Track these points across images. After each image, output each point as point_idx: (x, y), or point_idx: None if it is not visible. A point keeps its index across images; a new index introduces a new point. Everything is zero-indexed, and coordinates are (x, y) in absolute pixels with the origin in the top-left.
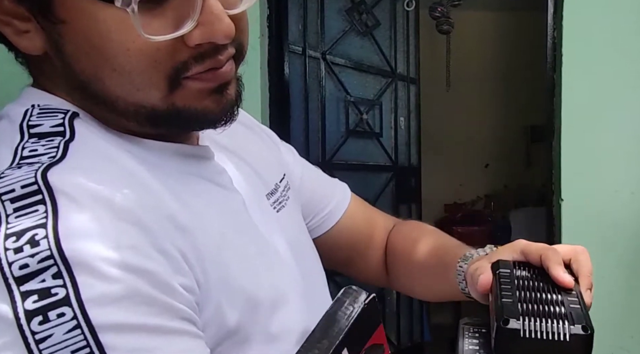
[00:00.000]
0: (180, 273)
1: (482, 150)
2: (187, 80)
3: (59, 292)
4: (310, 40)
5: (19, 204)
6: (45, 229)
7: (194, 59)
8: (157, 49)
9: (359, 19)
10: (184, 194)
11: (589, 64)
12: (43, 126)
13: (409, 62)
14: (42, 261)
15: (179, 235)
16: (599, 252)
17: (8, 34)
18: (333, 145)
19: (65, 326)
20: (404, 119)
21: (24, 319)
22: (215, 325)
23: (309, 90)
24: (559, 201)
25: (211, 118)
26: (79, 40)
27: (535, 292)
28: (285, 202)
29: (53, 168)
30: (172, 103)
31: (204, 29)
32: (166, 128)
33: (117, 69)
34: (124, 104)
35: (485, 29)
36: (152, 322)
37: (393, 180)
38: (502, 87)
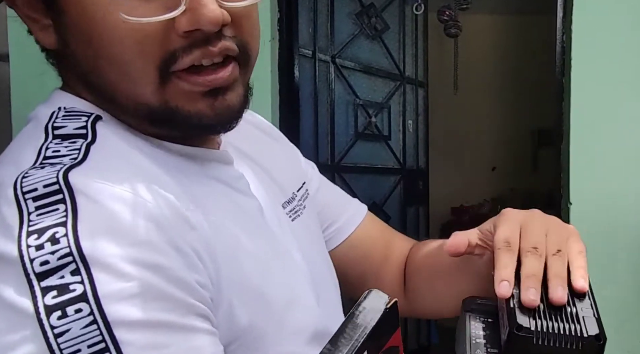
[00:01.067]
0: (194, 270)
1: (489, 153)
2: (176, 78)
3: (77, 288)
4: (320, 44)
5: (41, 203)
6: (65, 227)
7: (183, 49)
8: (145, 36)
9: (369, 22)
10: (199, 194)
11: (598, 68)
12: (67, 128)
13: (417, 65)
14: (61, 258)
15: (192, 234)
16: (607, 255)
17: (34, 29)
18: (342, 148)
19: (83, 321)
20: (412, 122)
21: (44, 314)
22: (226, 323)
23: (318, 93)
24: (567, 204)
25: (206, 123)
26: (75, 30)
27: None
28: (301, 211)
29: (74, 169)
30: (165, 101)
31: (191, 15)
32: (166, 129)
33: (107, 57)
34: (124, 99)
35: (493, 33)
36: (167, 318)
37: (401, 183)
38: (509, 90)
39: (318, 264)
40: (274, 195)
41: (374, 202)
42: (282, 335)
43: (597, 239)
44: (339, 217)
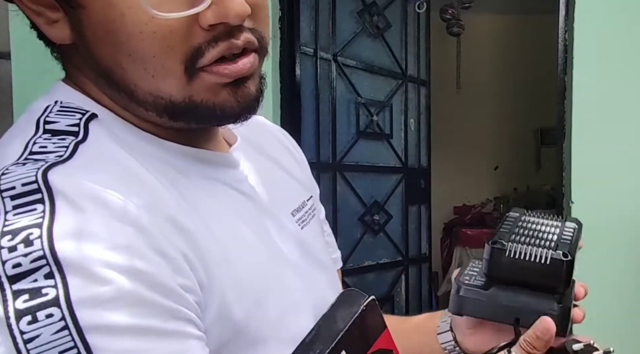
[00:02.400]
0: (179, 273)
1: (491, 152)
2: (203, 72)
3: (49, 292)
4: (322, 42)
5: (18, 202)
6: (40, 228)
7: (208, 42)
8: (170, 31)
9: (370, 21)
10: (194, 194)
11: (600, 67)
12: (59, 124)
13: (419, 64)
14: (34, 260)
15: (180, 236)
16: (609, 255)
17: (40, 24)
18: (343, 146)
19: (53, 327)
20: (414, 120)
21: (14, 319)
22: (219, 325)
23: (320, 91)
24: (569, 203)
25: (229, 112)
26: (96, 25)
27: (533, 228)
28: (309, 221)
29: (55, 168)
30: (190, 96)
31: (217, 9)
32: (184, 122)
33: (131, 54)
34: (142, 93)
35: (495, 32)
36: (145, 323)
37: (403, 181)
38: (512, 89)
39: (322, 274)
40: (285, 201)
41: (375, 201)
42: (278, 339)
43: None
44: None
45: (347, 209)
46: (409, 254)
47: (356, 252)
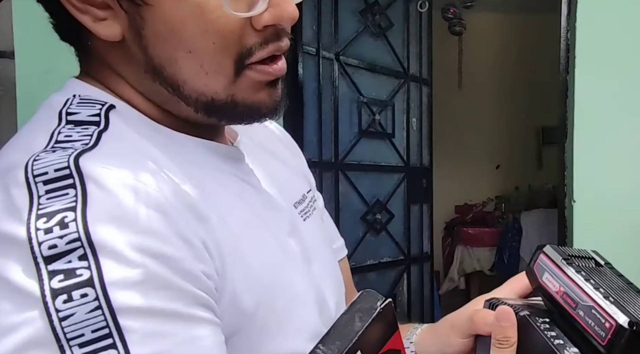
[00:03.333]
0: (201, 260)
1: (493, 151)
2: (248, 69)
3: (83, 273)
4: (324, 41)
5: (51, 187)
6: (74, 212)
7: (260, 43)
8: (231, 31)
9: (373, 20)
10: (208, 184)
11: (602, 65)
12: (80, 114)
13: (421, 63)
14: (70, 243)
15: (199, 224)
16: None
17: (86, 21)
18: (346, 145)
19: (88, 306)
20: (416, 119)
21: (50, 297)
22: (230, 313)
23: (322, 90)
24: (571, 202)
25: (264, 111)
26: (160, 22)
27: (617, 289)
28: (311, 213)
29: (85, 154)
30: (233, 95)
31: (274, 11)
32: (217, 119)
33: (192, 50)
34: (189, 89)
35: (497, 31)
36: (170, 307)
37: (405, 180)
38: (513, 88)
39: (326, 265)
40: (287, 193)
41: (377, 200)
42: (284, 331)
43: (600, 237)
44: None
45: (349, 208)
46: (411, 253)
47: (358, 251)
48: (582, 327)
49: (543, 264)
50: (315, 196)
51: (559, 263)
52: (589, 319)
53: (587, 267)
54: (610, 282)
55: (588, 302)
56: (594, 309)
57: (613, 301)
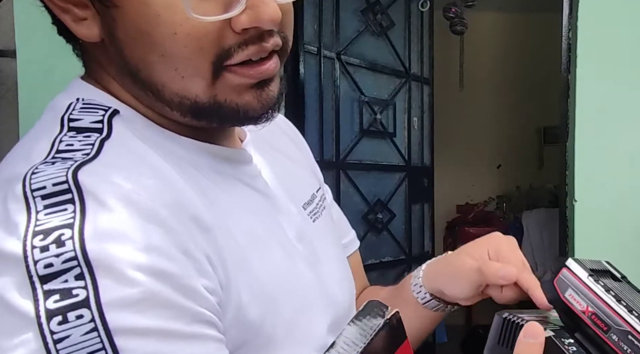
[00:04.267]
0: (203, 275)
1: (494, 151)
2: (228, 71)
3: (79, 293)
4: (326, 41)
5: (49, 202)
6: (71, 229)
7: (238, 45)
8: (205, 33)
9: (374, 19)
10: (213, 192)
11: (603, 65)
12: (83, 121)
13: (422, 62)
14: (66, 261)
15: (203, 236)
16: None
17: (67, 21)
18: (347, 145)
19: (83, 328)
20: (417, 119)
21: (44, 318)
22: (237, 326)
23: (323, 90)
24: (572, 202)
25: (251, 114)
26: (129, 24)
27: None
28: (320, 213)
29: (84, 167)
30: (214, 96)
31: (251, 13)
32: (208, 121)
33: (164, 54)
34: (169, 93)
35: (498, 30)
36: (170, 326)
37: (406, 180)
38: (515, 88)
39: (335, 268)
40: (296, 195)
41: (378, 199)
42: (292, 341)
43: (602, 236)
44: (342, 237)
45: (351, 208)
46: (412, 253)
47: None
48: (615, 352)
49: (566, 280)
50: (325, 193)
51: (585, 280)
52: (625, 345)
53: (614, 285)
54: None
55: (624, 326)
56: (631, 334)
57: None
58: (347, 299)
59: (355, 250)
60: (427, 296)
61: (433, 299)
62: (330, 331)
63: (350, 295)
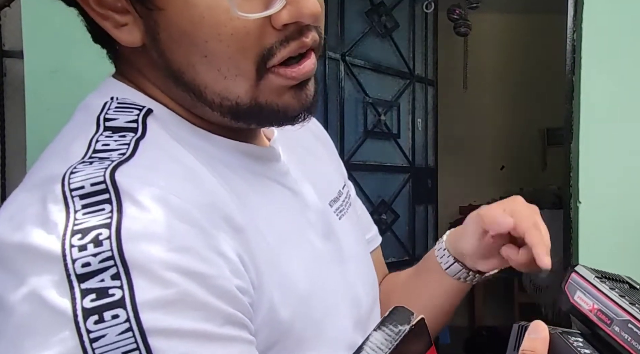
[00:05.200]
0: (237, 275)
1: (498, 152)
2: (271, 73)
3: (115, 293)
4: (330, 42)
5: (87, 202)
6: (109, 229)
7: (280, 42)
8: (247, 33)
9: (379, 20)
10: (245, 191)
11: (608, 66)
12: (118, 120)
13: (427, 64)
14: (103, 261)
15: (235, 236)
16: (617, 256)
17: (108, 27)
18: (351, 145)
19: (119, 328)
20: (421, 120)
21: (81, 317)
22: (268, 326)
23: (328, 91)
24: (576, 203)
25: (291, 114)
26: (172, 26)
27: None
28: (346, 210)
29: (121, 167)
30: (256, 97)
31: (292, 8)
32: (246, 122)
33: (207, 54)
34: (211, 94)
35: (502, 32)
36: (203, 327)
37: (410, 181)
38: (518, 89)
39: (360, 265)
40: (323, 192)
41: (382, 200)
42: (322, 341)
43: (606, 238)
44: (365, 233)
45: None
46: (416, 254)
47: None
48: (618, 344)
49: (575, 283)
50: (349, 189)
51: (592, 281)
52: (625, 334)
53: (621, 287)
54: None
55: (624, 316)
56: (631, 323)
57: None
58: (370, 298)
59: (377, 246)
60: (450, 260)
61: (456, 263)
62: (355, 330)
63: (373, 293)
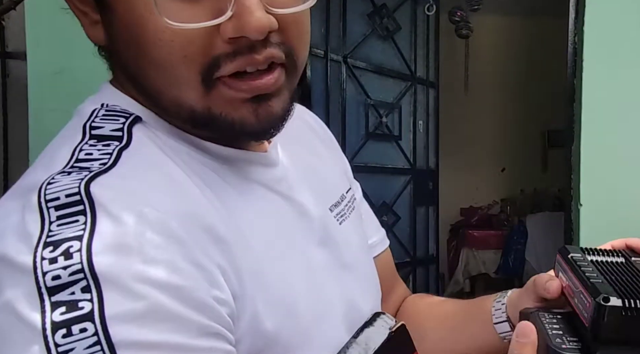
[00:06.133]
0: (215, 286)
1: (499, 154)
2: (220, 83)
3: (85, 306)
4: (332, 44)
5: (62, 213)
6: (80, 241)
7: (227, 55)
8: (189, 41)
9: (380, 23)
10: (234, 200)
11: (609, 69)
12: (104, 129)
13: (428, 66)
14: (73, 274)
15: (216, 247)
16: None
17: (84, 24)
18: (353, 147)
19: (86, 342)
20: (422, 122)
21: (50, 331)
22: (251, 336)
23: (330, 93)
24: (577, 206)
25: (249, 129)
26: (122, 28)
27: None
28: (348, 214)
29: (98, 178)
30: (209, 108)
31: (235, 22)
32: (208, 131)
33: (152, 61)
34: (165, 100)
35: (504, 34)
36: (176, 339)
37: (411, 183)
38: (519, 91)
39: (360, 272)
40: (323, 197)
41: (384, 202)
42: (309, 349)
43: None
44: (370, 236)
45: None
46: (417, 255)
47: None
48: (576, 315)
49: (558, 264)
50: (354, 193)
51: (567, 258)
52: (580, 305)
53: (602, 260)
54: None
55: (579, 288)
56: (582, 293)
57: (601, 282)
58: (370, 304)
59: (384, 249)
60: (503, 316)
61: (507, 322)
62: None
63: (373, 301)
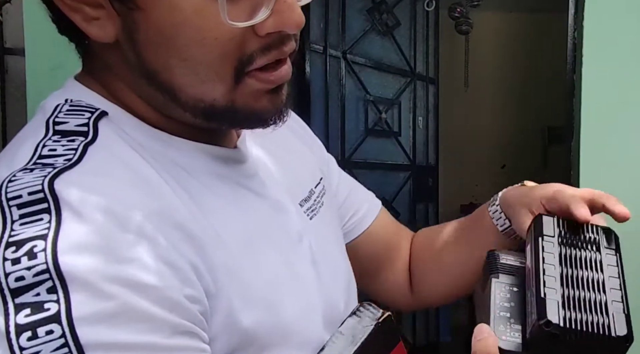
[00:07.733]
0: (186, 284)
1: (499, 151)
2: (249, 77)
3: (51, 307)
4: (331, 40)
5: (25, 211)
6: (44, 241)
7: (261, 50)
8: (230, 39)
9: (380, 18)
10: (205, 196)
11: (609, 65)
12: (68, 124)
13: (428, 62)
14: (38, 274)
15: (188, 244)
16: None
17: (77, 20)
18: (352, 144)
19: (53, 344)
20: (422, 118)
21: (14, 334)
22: (227, 333)
23: (329, 89)
24: None
25: (265, 117)
26: (152, 28)
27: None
28: (318, 209)
29: (62, 175)
30: (232, 101)
31: (277, 18)
32: (219, 123)
33: (187, 59)
34: (185, 96)
35: (504, 30)
36: (147, 339)
37: (411, 179)
38: (520, 88)
39: (333, 265)
40: (293, 191)
41: (383, 198)
42: (288, 346)
43: None
44: (357, 210)
45: None
46: None
47: None
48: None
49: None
50: (324, 188)
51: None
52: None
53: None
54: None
55: (533, 287)
56: (534, 296)
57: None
58: (345, 298)
59: (375, 216)
60: (507, 223)
61: (512, 227)
62: (328, 331)
63: (348, 294)
